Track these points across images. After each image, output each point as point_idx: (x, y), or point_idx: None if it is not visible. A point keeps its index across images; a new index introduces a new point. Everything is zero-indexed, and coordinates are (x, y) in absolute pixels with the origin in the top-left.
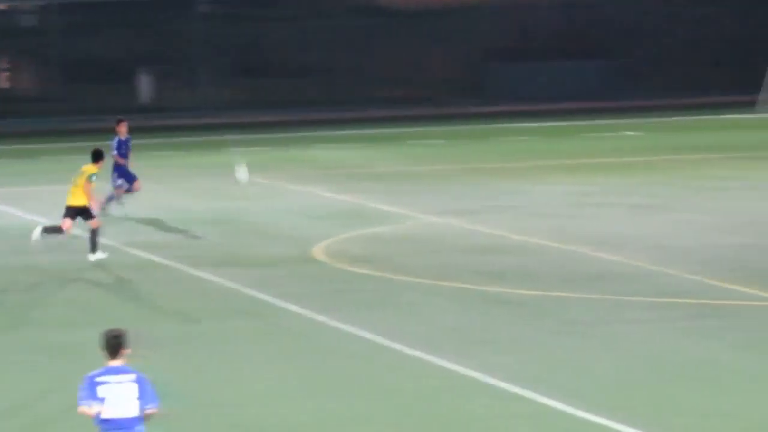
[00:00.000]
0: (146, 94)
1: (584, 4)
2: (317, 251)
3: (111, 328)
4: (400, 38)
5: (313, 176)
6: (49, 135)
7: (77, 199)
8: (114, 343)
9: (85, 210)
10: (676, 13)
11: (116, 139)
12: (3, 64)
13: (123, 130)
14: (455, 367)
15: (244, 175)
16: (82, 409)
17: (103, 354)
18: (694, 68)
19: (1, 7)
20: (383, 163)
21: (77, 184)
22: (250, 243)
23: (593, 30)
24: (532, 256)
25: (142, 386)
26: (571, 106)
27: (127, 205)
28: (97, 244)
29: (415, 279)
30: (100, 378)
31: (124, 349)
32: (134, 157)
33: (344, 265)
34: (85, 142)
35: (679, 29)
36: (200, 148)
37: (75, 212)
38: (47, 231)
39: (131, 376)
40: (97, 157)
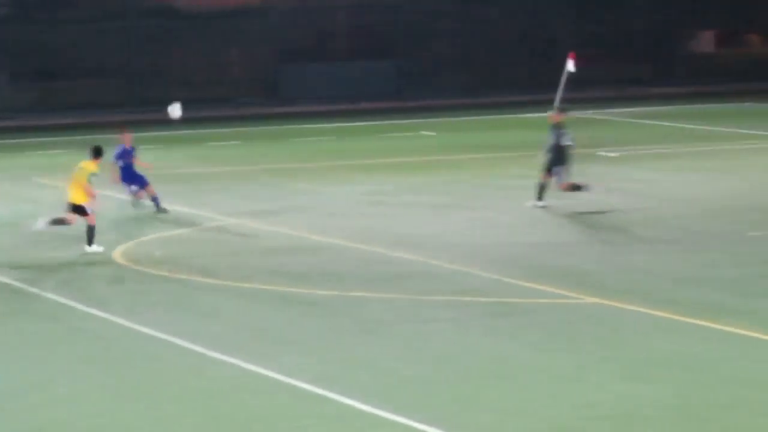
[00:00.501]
0: None
1: (381, 5)
2: (116, 254)
3: None
4: (197, 40)
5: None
6: None
7: (76, 197)
8: None
9: (81, 207)
10: (469, 13)
11: (120, 148)
12: None
13: (128, 138)
14: (257, 369)
15: (177, 112)
16: None
17: None
18: (491, 68)
19: None
20: (181, 165)
21: (76, 180)
22: (49, 246)
23: (389, 30)
24: (332, 257)
25: None
26: (368, 107)
27: None
28: (93, 238)
29: (216, 281)
30: None
31: None
32: None
33: (144, 268)
34: None
35: (477, 29)
36: None
37: (74, 208)
38: (54, 223)
39: None
40: (97, 154)
